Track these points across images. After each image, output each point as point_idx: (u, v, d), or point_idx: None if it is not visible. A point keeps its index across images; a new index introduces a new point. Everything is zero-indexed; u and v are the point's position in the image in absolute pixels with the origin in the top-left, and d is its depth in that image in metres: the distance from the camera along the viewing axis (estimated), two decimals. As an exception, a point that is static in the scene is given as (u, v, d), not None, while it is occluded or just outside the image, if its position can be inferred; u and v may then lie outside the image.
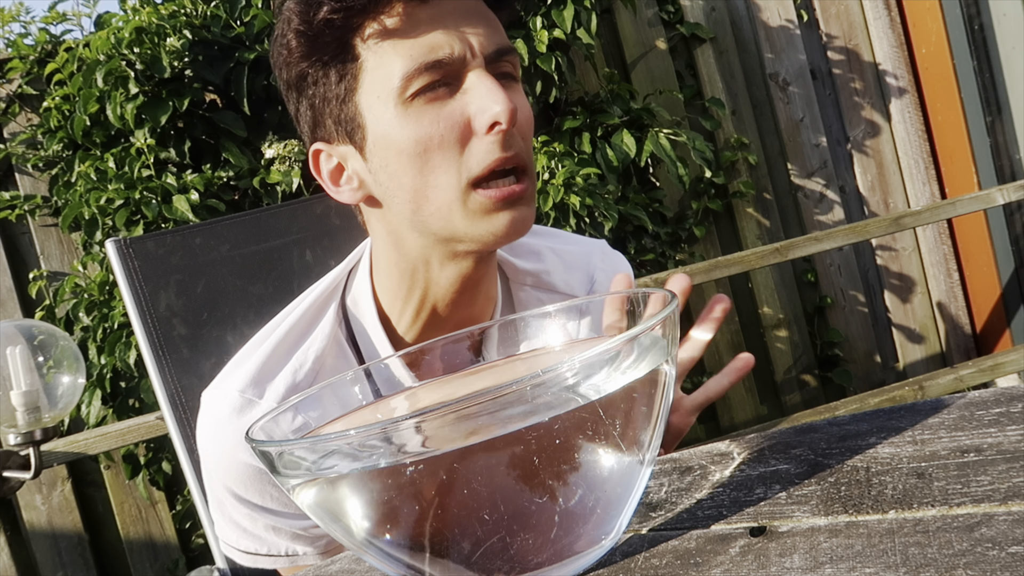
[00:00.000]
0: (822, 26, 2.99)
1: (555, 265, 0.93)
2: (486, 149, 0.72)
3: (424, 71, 0.72)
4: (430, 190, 0.74)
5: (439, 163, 0.73)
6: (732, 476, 0.49)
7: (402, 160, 0.74)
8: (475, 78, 0.73)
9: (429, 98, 0.73)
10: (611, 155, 2.46)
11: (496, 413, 0.38)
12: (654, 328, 0.41)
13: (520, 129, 0.75)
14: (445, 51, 0.72)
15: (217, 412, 0.81)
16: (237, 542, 0.85)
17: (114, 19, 2.32)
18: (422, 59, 0.72)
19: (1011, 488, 0.39)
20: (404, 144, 0.73)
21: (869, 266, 3.02)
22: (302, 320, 0.84)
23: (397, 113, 0.73)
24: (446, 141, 0.72)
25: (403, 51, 0.72)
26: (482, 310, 0.86)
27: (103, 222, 2.18)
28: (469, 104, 0.73)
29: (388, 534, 0.39)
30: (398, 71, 0.72)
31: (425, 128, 0.72)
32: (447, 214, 0.75)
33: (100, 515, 2.37)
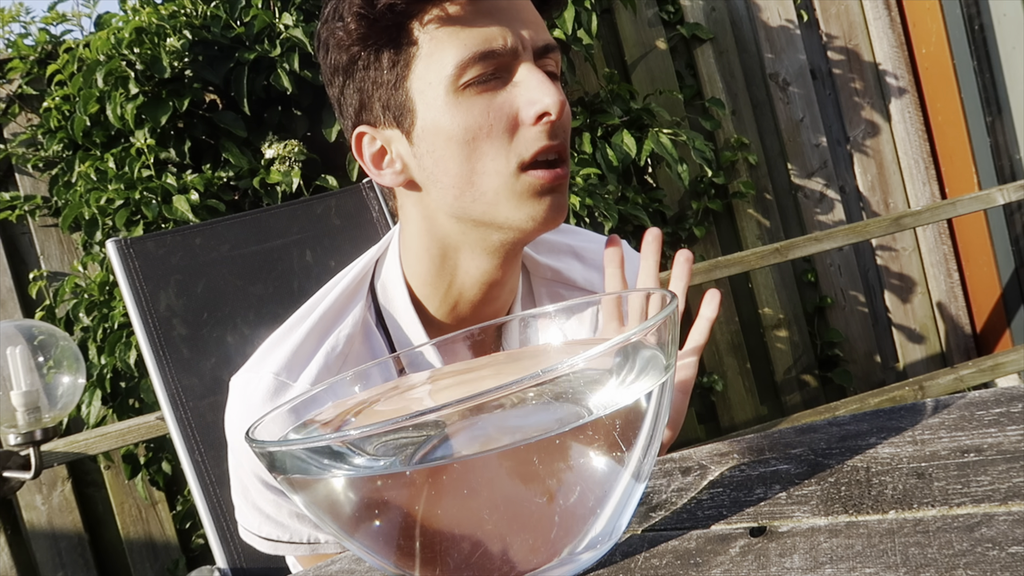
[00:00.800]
0: (822, 26, 2.99)
1: (573, 262, 0.95)
2: (535, 137, 0.75)
3: (478, 60, 0.74)
4: (476, 176, 0.76)
5: (487, 151, 0.75)
6: (732, 476, 0.49)
7: (450, 147, 0.76)
8: (526, 71, 0.75)
9: (480, 88, 0.75)
10: (611, 155, 2.46)
11: (496, 415, 0.38)
12: (654, 328, 0.41)
13: (563, 123, 0.77)
14: (499, 42, 0.74)
15: (251, 395, 0.82)
16: (259, 528, 0.85)
17: (114, 19, 2.32)
18: (476, 48, 0.74)
19: (1011, 488, 0.39)
20: (453, 131, 0.75)
21: (869, 266, 3.02)
22: (334, 306, 0.86)
23: (448, 101, 0.75)
24: (495, 130, 0.75)
25: (459, 40, 0.74)
26: (503, 308, 0.88)
27: (103, 222, 2.18)
28: (519, 96, 0.75)
29: (387, 534, 0.39)
30: (452, 59, 0.74)
31: (476, 117, 0.75)
32: (492, 199, 0.77)
33: (100, 515, 2.38)
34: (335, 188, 2.26)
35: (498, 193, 0.76)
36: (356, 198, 1.39)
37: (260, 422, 0.47)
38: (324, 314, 0.85)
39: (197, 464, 1.19)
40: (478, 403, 0.36)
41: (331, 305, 0.86)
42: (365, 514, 0.39)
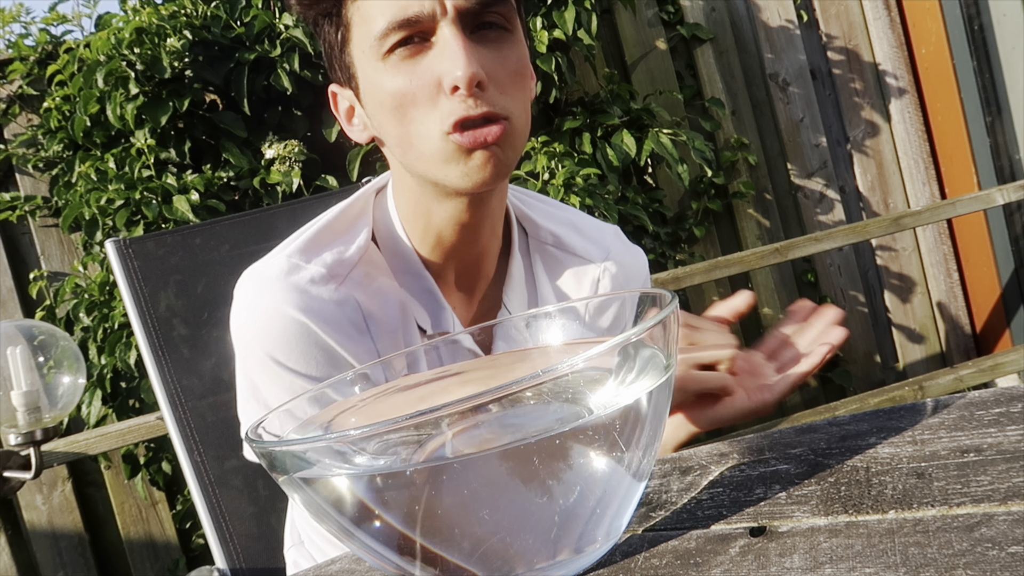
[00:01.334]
0: (822, 26, 2.99)
1: (572, 233, 0.96)
2: (452, 107, 0.75)
3: (396, 28, 0.75)
4: (412, 138, 0.78)
5: (414, 116, 0.77)
6: (732, 476, 0.49)
7: (383, 111, 0.79)
8: (443, 37, 0.75)
9: (405, 53, 0.76)
10: (611, 155, 2.46)
11: (496, 415, 0.38)
12: (653, 328, 0.41)
13: (500, 83, 0.76)
14: (414, 9, 0.74)
15: (262, 275, 0.83)
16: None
17: (114, 20, 2.32)
18: (394, 16, 0.75)
19: (1011, 488, 0.39)
20: (383, 97, 0.78)
21: (869, 266, 3.02)
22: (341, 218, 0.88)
23: (377, 67, 0.77)
24: (419, 97, 0.76)
25: (380, 8, 0.76)
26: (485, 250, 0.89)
27: (103, 222, 2.18)
28: (437, 63, 0.75)
29: (387, 534, 0.39)
30: (375, 28, 0.76)
31: (400, 83, 0.76)
32: (428, 160, 0.78)
33: (100, 515, 2.37)
34: (335, 188, 2.26)
35: (432, 155, 0.77)
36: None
37: (264, 419, 0.48)
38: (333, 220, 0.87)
39: (197, 464, 1.19)
40: (478, 403, 0.36)
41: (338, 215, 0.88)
42: (365, 514, 0.39)
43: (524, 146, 0.83)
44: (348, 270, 0.84)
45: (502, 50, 0.77)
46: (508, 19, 0.78)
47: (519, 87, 0.79)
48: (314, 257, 0.84)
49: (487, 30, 0.77)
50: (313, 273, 0.82)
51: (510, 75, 0.77)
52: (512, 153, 0.79)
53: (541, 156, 2.32)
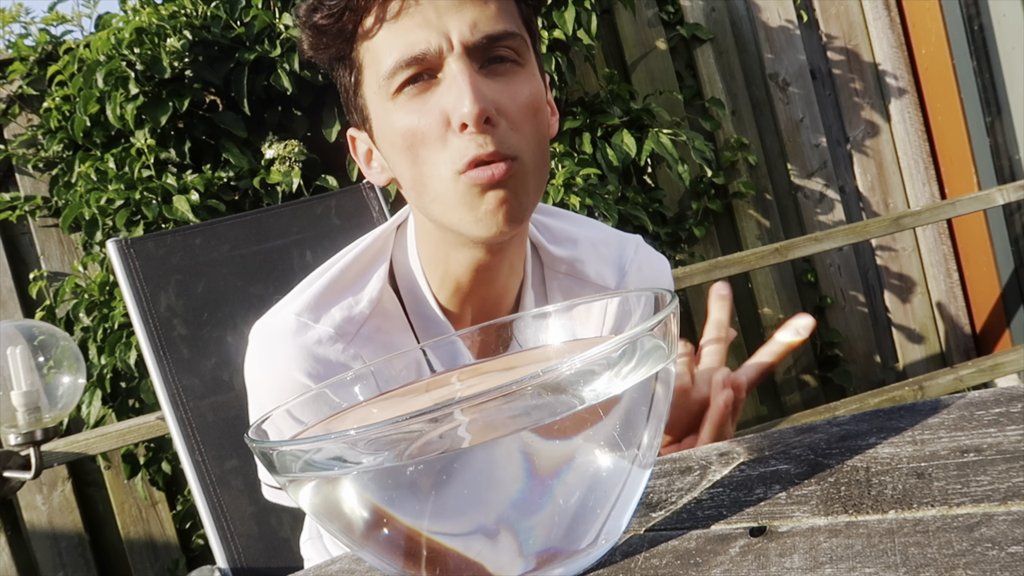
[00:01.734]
0: (822, 26, 2.99)
1: (589, 254, 0.94)
2: (463, 146, 0.73)
3: (403, 67, 0.74)
4: (424, 179, 0.76)
5: (426, 157, 0.75)
6: (732, 476, 0.49)
7: (396, 152, 0.77)
8: (449, 72, 0.73)
9: (414, 92, 0.75)
10: (611, 155, 2.46)
11: (496, 414, 0.38)
12: (653, 329, 0.41)
13: (511, 118, 0.74)
14: (421, 47, 0.73)
15: (272, 334, 0.83)
16: None
17: (114, 20, 2.32)
18: (400, 55, 0.74)
19: (1011, 488, 0.39)
20: (394, 138, 0.77)
21: (869, 266, 3.02)
22: (355, 265, 0.87)
23: (387, 108, 0.76)
24: (429, 136, 0.74)
25: (388, 48, 0.74)
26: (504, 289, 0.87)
27: (103, 222, 2.18)
28: (445, 100, 0.73)
29: (387, 533, 0.39)
30: (384, 67, 0.75)
31: (410, 121, 0.75)
32: (441, 202, 0.76)
33: (100, 515, 2.38)
34: (335, 188, 2.26)
35: (445, 196, 0.76)
36: (356, 198, 1.39)
37: (268, 416, 0.48)
38: (346, 269, 0.86)
39: (197, 464, 1.19)
40: (478, 403, 0.36)
41: (352, 262, 0.87)
42: (365, 513, 0.39)
43: (542, 186, 0.80)
44: (358, 327, 0.83)
45: (513, 84, 0.75)
46: (519, 53, 0.76)
47: (532, 123, 0.76)
48: (323, 314, 0.83)
49: (497, 64, 0.75)
50: (321, 334, 0.81)
51: (521, 110, 0.75)
52: (526, 196, 0.77)
53: (541, 156, 2.31)
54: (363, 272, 0.87)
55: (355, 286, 0.85)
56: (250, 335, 0.86)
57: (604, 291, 0.92)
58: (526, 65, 0.77)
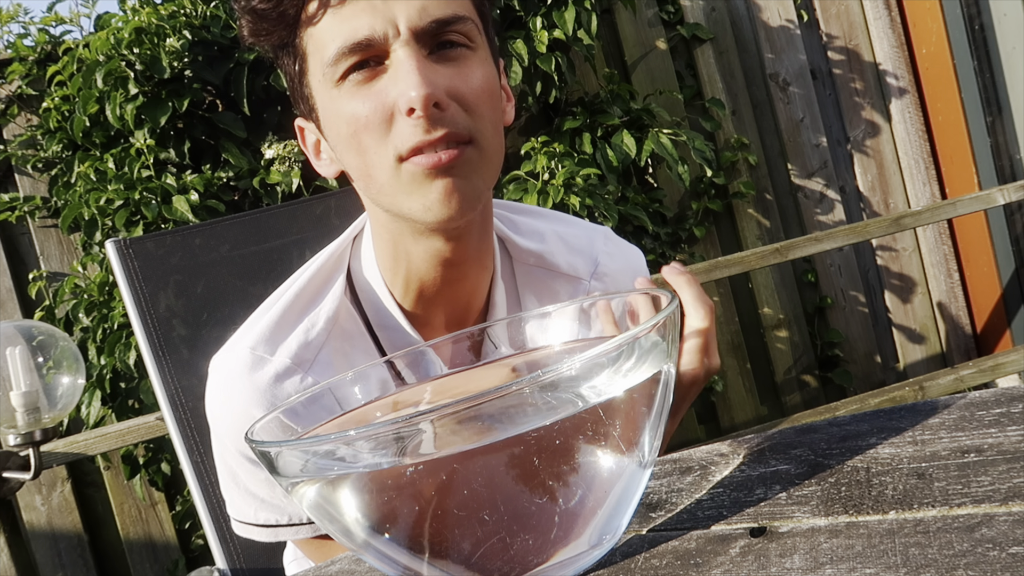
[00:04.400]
0: (822, 26, 2.99)
1: (558, 246, 0.92)
2: (409, 131, 0.71)
3: (347, 54, 0.72)
4: (371, 168, 0.74)
5: (370, 144, 0.73)
6: (732, 476, 0.49)
7: (342, 140, 0.75)
8: (396, 58, 0.71)
9: (359, 79, 0.72)
10: (611, 155, 2.46)
11: (496, 415, 0.38)
12: (653, 329, 0.41)
13: (464, 101, 0.72)
14: (364, 32, 0.71)
15: (228, 371, 0.80)
16: (255, 516, 0.83)
17: (114, 20, 2.32)
18: (344, 42, 0.71)
19: (1012, 488, 0.39)
20: (339, 125, 0.74)
21: (869, 266, 3.02)
22: (310, 285, 0.84)
23: (332, 95, 0.74)
24: (372, 122, 0.72)
25: (332, 34, 0.72)
26: (475, 287, 0.85)
27: (103, 223, 2.18)
28: (392, 85, 0.71)
29: (387, 534, 0.39)
30: (328, 54, 0.73)
31: (355, 109, 0.72)
32: (388, 191, 0.74)
33: (100, 516, 2.37)
34: (335, 188, 2.26)
35: (390, 184, 0.74)
36: (356, 198, 1.39)
37: (260, 422, 0.47)
38: (301, 291, 0.83)
39: (197, 464, 1.19)
40: (478, 403, 0.36)
41: (308, 282, 0.84)
42: (364, 513, 0.39)
43: (496, 172, 0.77)
44: (316, 352, 0.80)
45: (465, 68, 0.73)
46: (470, 37, 0.74)
47: (486, 106, 0.74)
48: (279, 345, 0.79)
49: (448, 49, 0.73)
50: (277, 367, 0.78)
51: (474, 93, 0.73)
52: (480, 180, 0.74)
53: (541, 156, 2.32)
54: (318, 291, 0.84)
55: (310, 307, 0.82)
56: (209, 368, 0.83)
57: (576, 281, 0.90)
58: (478, 49, 0.75)
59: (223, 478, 0.85)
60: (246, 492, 0.83)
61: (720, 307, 2.79)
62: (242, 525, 0.86)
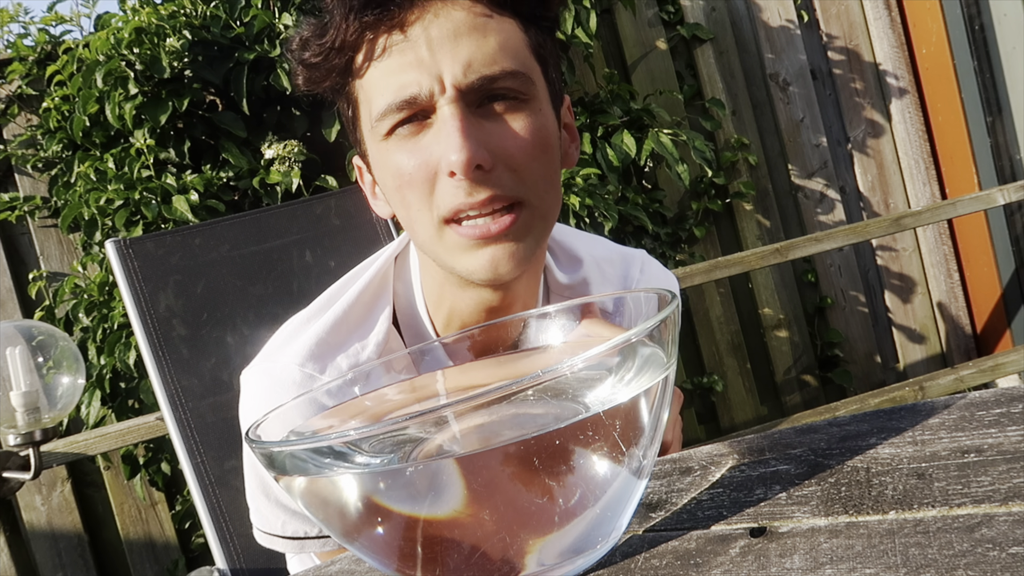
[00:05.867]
0: (822, 26, 2.99)
1: (594, 275, 0.90)
2: (451, 193, 0.69)
3: (393, 111, 0.70)
4: (414, 223, 0.74)
5: (413, 200, 0.72)
6: (732, 476, 0.49)
7: (389, 191, 0.75)
8: (441, 116, 0.69)
9: (405, 133, 0.71)
10: (611, 155, 2.46)
11: (496, 416, 0.38)
12: (653, 329, 0.41)
13: (511, 160, 0.70)
14: (411, 90, 0.69)
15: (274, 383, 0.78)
16: (283, 528, 0.83)
17: (114, 19, 2.32)
18: (391, 99, 0.70)
19: (1012, 489, 0.39)
20: (385, 179, 0.74)
21: (869, 266, 3.02)
22: (357, 305, 0.82)
23: (380, 148, 0.73)
24: (416, 180, 0.71)
25: (379, 88, 0.71)
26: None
27: (103, 223, 2.18)
28: (436, 144, 0.70)
29: (387, 534, 0.39)
30: (375, 109, 0.72)
31: (400, 163, 0.71)
32: (431, 248, 0.74)
33: (100, 516, 2.37)
34: (335, 188, 2.26)
35: (433, 243, 0.73)
36: (356, 198, 1.39)
37: (264, 420, 0.47)
38: (349, 308, 0.81)
39: (197, 465, 1.19)
40: (477, 403, 0.36)
41: (355, 299, 0.82)
42: (365, 514, 0.39)
43: (552, 222, 0.76)
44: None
45: (514, 122, 0.71)
46: (522, 89, 0.71)
47: (538, 162, 0.72)
48: (328, 364, 0.78)
49: (496, 102, 0.71)
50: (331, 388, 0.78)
51: (523, 151, 0.70)
52: (532, 240, 0.72)
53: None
54: (367, 312, 0.82)
55: (360, 329, 0.81)
56: (244, 380, 0.82)
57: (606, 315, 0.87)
58: (531, 100, 0.72)
59: (251, 488, 0.84)
60: (276, 504, 0.82)
61: (720, 307, 2.79)
62: (267, 536, 0.85)
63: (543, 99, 0.74)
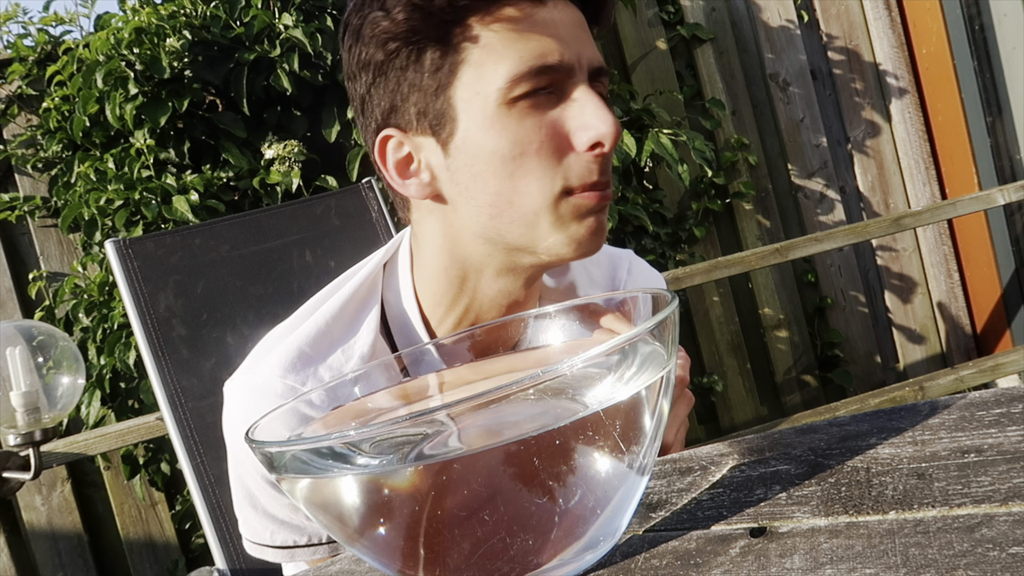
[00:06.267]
0: (822, 26, 2.99)
1: (581, 278, 0.91)
2: (585, 167, 0.71)
3: (533, 75, 0.69)
4: (517, 195, 0.72)
5: (532, 169, 0.71)
6: (732, 476, 0.49)
7: (493, 162, 0.71)
8: (582, 92, 0.71)
9: (532, 104, 0.70)
10: (611, 155, 2.46)
11: (496, 416, 0.38)
12: (653, 330, 0.41)
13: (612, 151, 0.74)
14: (555, 57, 0.69)
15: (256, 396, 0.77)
16: (271, 538, 0.82)
17: (113, 19, 2.32)
18: (532, 62, 0.69)
19: (1012, 489, 0.39)
20: (499, 146, 0.70)
21: (869, 266, 3.02)
22: (343, 313, 0.80)
23: (497, 113, 0.70)
24: (544, 149, 0.70)
25: (514, 50, 0.69)
26: None
27: (103, 223, 2.18)
28: (572, 118, 0.71)
29: (387, 534, 0.39)
30: (505, 71, 0.69)
31: (526, 132, 0.70)
32: (532, 220, 0.72)
33: (100, 516, 2.37)
34: (335, 188, 2.26)
35: (539, 214, 0.72)
36: (356, 198, 1.39)
37: (259, 424, 0.47)
38: (334, 318, 0.79)
39: (197, 465, 1.19)
40: (477, 403, 0.36)
41: (340, 309, 0.80)
42: (365, 514, 0.39)
43: None
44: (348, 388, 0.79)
45: None
46: (607, 89, 0.76)
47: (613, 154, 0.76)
48: (308, 376, 0.76)
49: None
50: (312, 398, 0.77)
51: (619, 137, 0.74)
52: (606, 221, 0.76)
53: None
54: (351, 322, 0.80)
55: (343, 337, 0.79)
56: (227, 392, 0.81)
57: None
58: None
59: (238, 499, 0.83)
60: (263, 514, 0.81)
61: (720, 307, 2.79)
62: (256, 546, 0.84)
63: None
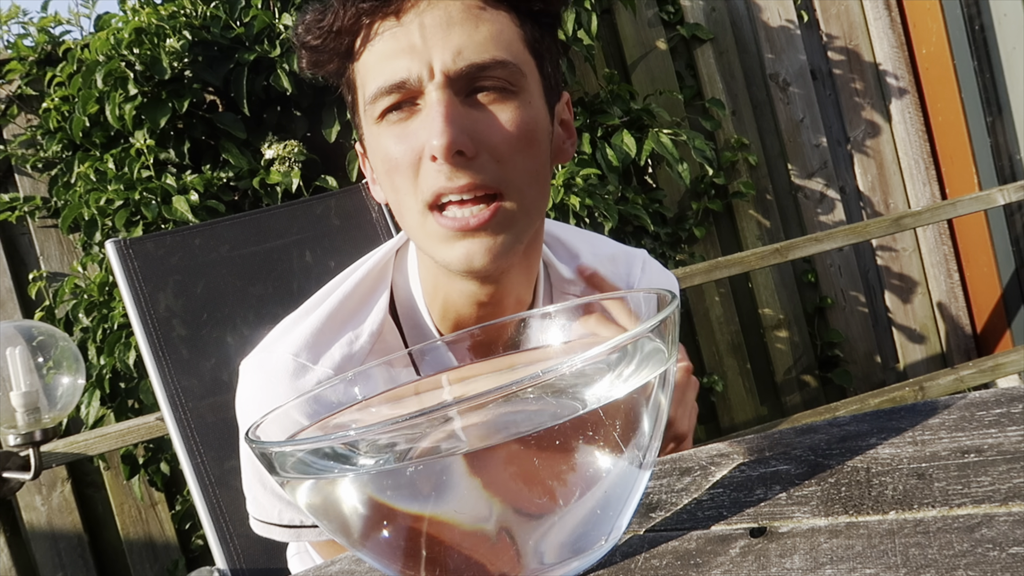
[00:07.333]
0: (822, 26, 2.99)
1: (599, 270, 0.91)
2: (433, 176, 0.71)
3: (384, 94, 0.72)
4: (400, 209, 0.75)
5: (399, 185, 0.73)
6: (732, 476, 0.49)
7: (381, 178, 0.77)
8: (427, 101, 0.71)
9: (396, 118, 0.73)
10: (611, 155, 2.46)
11: (496, 415, 0.38)
12: (653, 330, 0.41)
13: (495, 150, 0.71)
14: (401, 75, 0.71)
15: (267, 375, 0.80)
16: (279, 516, 0.83)
17: (113, 20, 2.32)
18: (383, 82, 0.72)
19: (1012, 489, 0.39)
20: (378, 163, 0.75)
21: (869, 266, 3.02)
22: (354, 295, 0.83)
23: (372, 132, 0.75)
24: (402, 164, 0.72)
25: (373, 73, 0.73)
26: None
27: (103, 223, 2.18)
28: (421, 129, 0.71)
29: (386, 534, 0.39)
30: (368, 93, 0.73)
31: (389, 148, 0.73)
32: (415, 234, 0.75)
33: (100, 516, 2.37)
34: (335, 188, 2.26)
35: (414, 231, 0.74)
36: (356, 198, 1.39)
37: (263, 420, 0.47)
38: (345, 300, 0.83)
39: (197, 465, 1.19)
40: (477, 403, 0.36)
41: (352, 291, 0.83)
42: (366, 515, 0.39)
43: (536, 218, 0.76)
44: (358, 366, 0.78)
45: (501, 113, 0.72)
46: (512, 81, 0.72)
47: (523, 155, 0.72)
48: (322, 354, 0.79)
49: (484, 92, 0.72)
50: (320, 376, 0.78)
51: (507, 142, 0.71)
52: (512, 235, 0.73)
53: (541, 156, 2.31)
54: (363, 302, 0.83)
55: (355, 318, 0.82)
56: (242, 370, 0.83)
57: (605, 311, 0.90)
58: (520, 92, 0.73)
59: (248, 477, 0.85)
60: (272, 493, 0.83)
61: (720, 307, 2.79)
62: (263, 525, 0.86)
63: (535, 93, 0.75)
